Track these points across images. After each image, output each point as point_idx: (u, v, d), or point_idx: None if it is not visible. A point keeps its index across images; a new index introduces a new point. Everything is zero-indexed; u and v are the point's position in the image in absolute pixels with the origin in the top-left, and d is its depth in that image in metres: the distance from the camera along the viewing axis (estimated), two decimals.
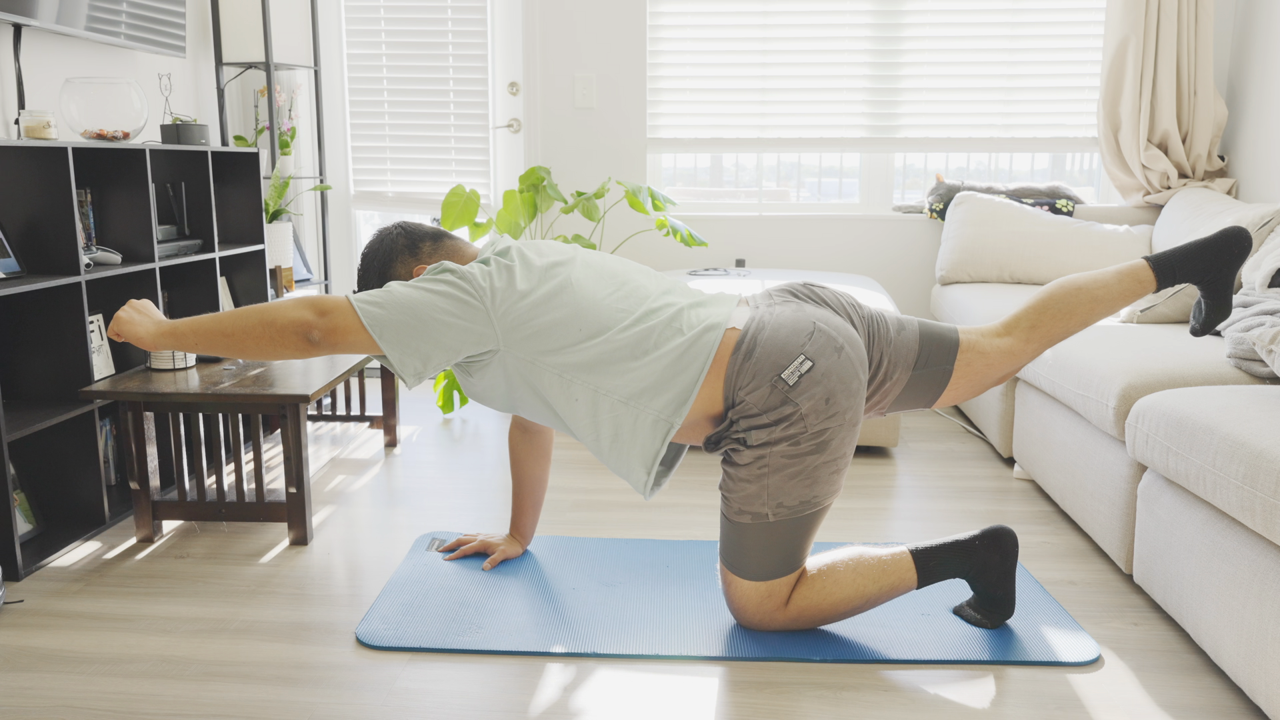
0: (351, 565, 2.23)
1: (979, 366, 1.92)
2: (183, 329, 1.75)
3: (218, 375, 2.40)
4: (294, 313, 1.71)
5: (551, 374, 1.78)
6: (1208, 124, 3.54)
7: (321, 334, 1.71)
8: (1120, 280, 1.95)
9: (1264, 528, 1.50)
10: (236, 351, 1.73)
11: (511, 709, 1.64)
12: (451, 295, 1.76)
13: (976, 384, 1.94)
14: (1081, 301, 1.94)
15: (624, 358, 1.78)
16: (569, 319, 1.79)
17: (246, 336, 1.71)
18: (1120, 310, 1.99)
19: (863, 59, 3.84)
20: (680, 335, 1.79)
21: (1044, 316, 1.93)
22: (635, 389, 1.77)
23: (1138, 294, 1.95)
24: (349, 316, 1.72)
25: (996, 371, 1.93)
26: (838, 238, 3.93)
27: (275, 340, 1.71)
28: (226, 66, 3.70)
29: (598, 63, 3.87)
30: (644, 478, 1.80)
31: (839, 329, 1.81)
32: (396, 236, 1.97)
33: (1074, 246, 3.48)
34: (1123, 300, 1.95)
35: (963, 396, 1.96)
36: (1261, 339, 1.99)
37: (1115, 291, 1.94)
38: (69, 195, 2.31)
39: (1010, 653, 1.80)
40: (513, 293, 1.79)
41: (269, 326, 1.71)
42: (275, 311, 1.71)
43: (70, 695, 1.67)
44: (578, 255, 1.93)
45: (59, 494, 2.45)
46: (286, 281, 3.59)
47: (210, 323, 1.73)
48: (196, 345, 1.74)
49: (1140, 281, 1.95)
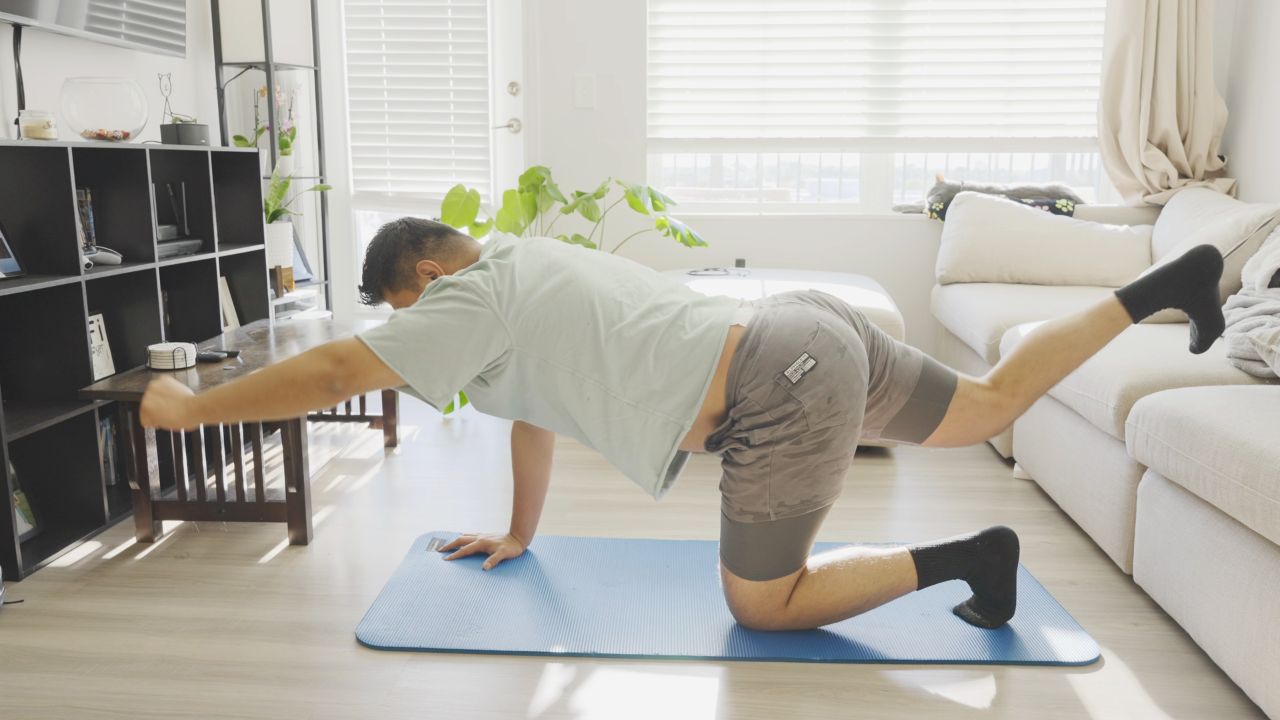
0: (351, 565, 2.23)
1: (970, 415, 1.94)
2: (210, 404, 1.75)
3: (218, 375, 2.40)
4: (312, 367, 1.72)
5: (564, 374, 1.79)
6: (1208, 124, 3.54)
7: (344, 381, 1.71)
8: (1093, 321, 1.95)
9: (1264, 528, 1.50)
10: (265, 414, 1.74)
11: (511, 709, 1.64)
12: (458, 310, 1.76)
13: (967, 432, 1.97)
14: (1057, 350, 1.94)
15: (632, 357, 1.78)
16: (576, 314, 1.80)
17: (272, 399, 1.72)
18: (1100, 351, 1.98)
19: (863, 59, 3.84)
20: (685, 334, 1.80)
21: (1024, 370, 1.95)
22: (643, 391, 1.78)
23: (1114, 332, 1.94)
24: (365, 357, 1.72)
25: (986, 424, 1.96)
26: (838, 238, 3.93)
27: (300, 397, 1.72)
28: (226, 66, 3.70)
29: (598, 63, 3.87)
30: (654, 479, 1.82)
31: (842, 330, 1.82)
32: (401, 232, 1.98)
33: (1074, 246, 3.48)
34: (1098, 341, 1.94)
35: (952, 441, 1.98)
36: (1261, 339, 1.99)
37: (1089, 334, 1.94)
38: (69, 195, 2.31)
39: (1010, 653, 1.80)
40: (517, 291, 1.79)
41: (291, 386, 1.72)
42: (294, 370, 1.72)
43: (70, 695, 1.67)
44: (580, 252, 1.94)
45: (59, 494, 2.45)
46: (286, 281, 3.59)
47: (234, 393, 1.74)
48: (226, 416, 1.75)
49: (1113, 319, 1.94)
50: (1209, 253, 1.91)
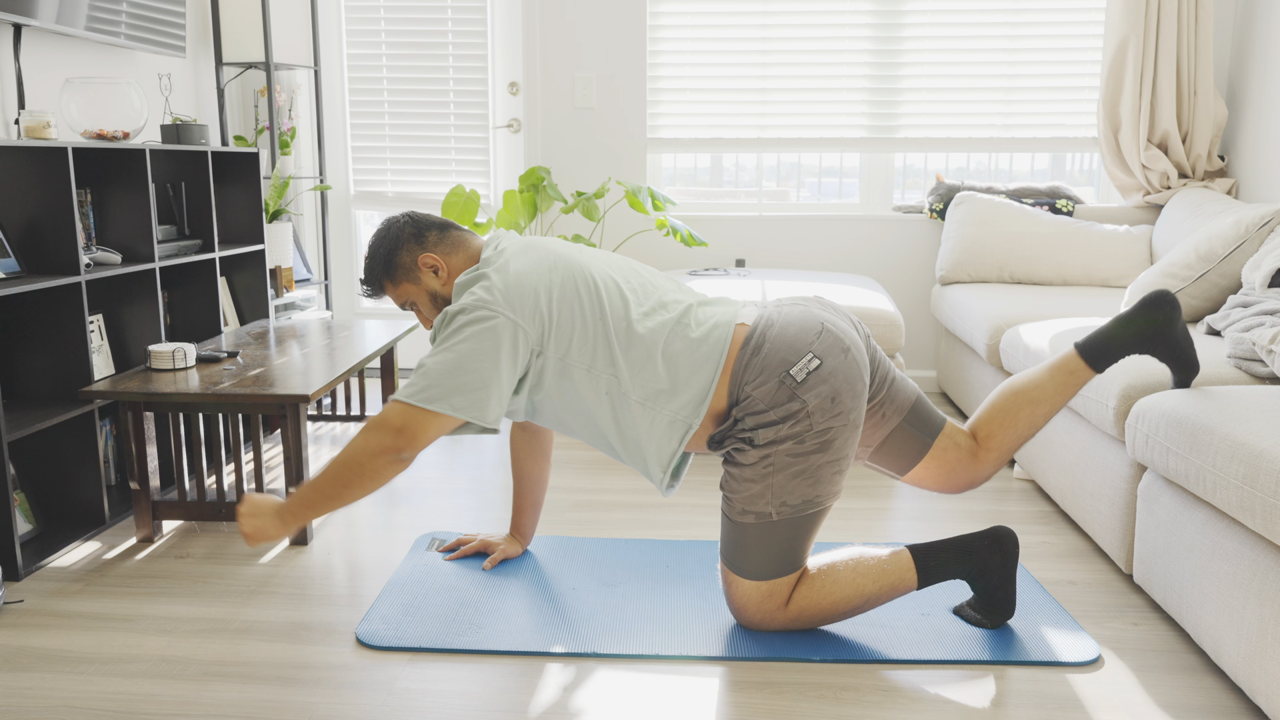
0: (351, 565, 2.23)
1: (951, 458, 1.96)
2: (299, 509, 1.79)
3: (218, 375, 2.40)
4: (373, 447, 1.74)
5: (582, 371, 1.80)
6: (1208, 124, 3.54)
7: (408, 448, 1.74)
8: (1053, 376, 1.94)
9: (1264, 528, 1.50)
10: (348, 502, 1.78)
11: (511, 709, 1.64)
12: (476, 331, 1.75)
13: (945, 476, 1.98)
14: (1021, 406, 1.94)
15: (640, 354, 1.80)
16: (586, 310, 1.81)
17: (349, 488, 1.76)
18: (1067, 403, 1.97)
19: (863, 59, 3.84)
20: (691, 332, 1.81)
21: (994, 426, 1.96)
22: (651, 390, 1.79)
23: (1075, 385, 1.93)
24: (416, 416, 1.73)
25: (964, 471, 1.97)
26: (838, 238, 3.93)
27: (374, 477, 1.75)
28: (226, 66, 3.70)
29: (598, 63, 3.87)
30: (660, 476, 1.84)
31: (845, 331, 1.82)
32: (404, 225, 1.97)
33: (1074, 246, 3.48)
34: (1061, 395, 1.93)
35: (930, 482, 2.00)
36: (1261, 339, 1.99)
37: (1050, 389, 1.93)
38: (69, 195, 2.30)
39: (1010, 653, 1.80)
40: (525, 292, 1.79)
41: (362, 471, 1.74)
42: (359, 455, 1.74)
43: (70, 695, 1.67)
44: (584, 250, 1.94)
45: (59, 494, 2.45)
46: (286, 281, 3.59)
47: (314, 494, 1.77)
48: (314, 515, 1.80)
49: (1073, 373, 1.93)
50: (1161, 297, 1.88)
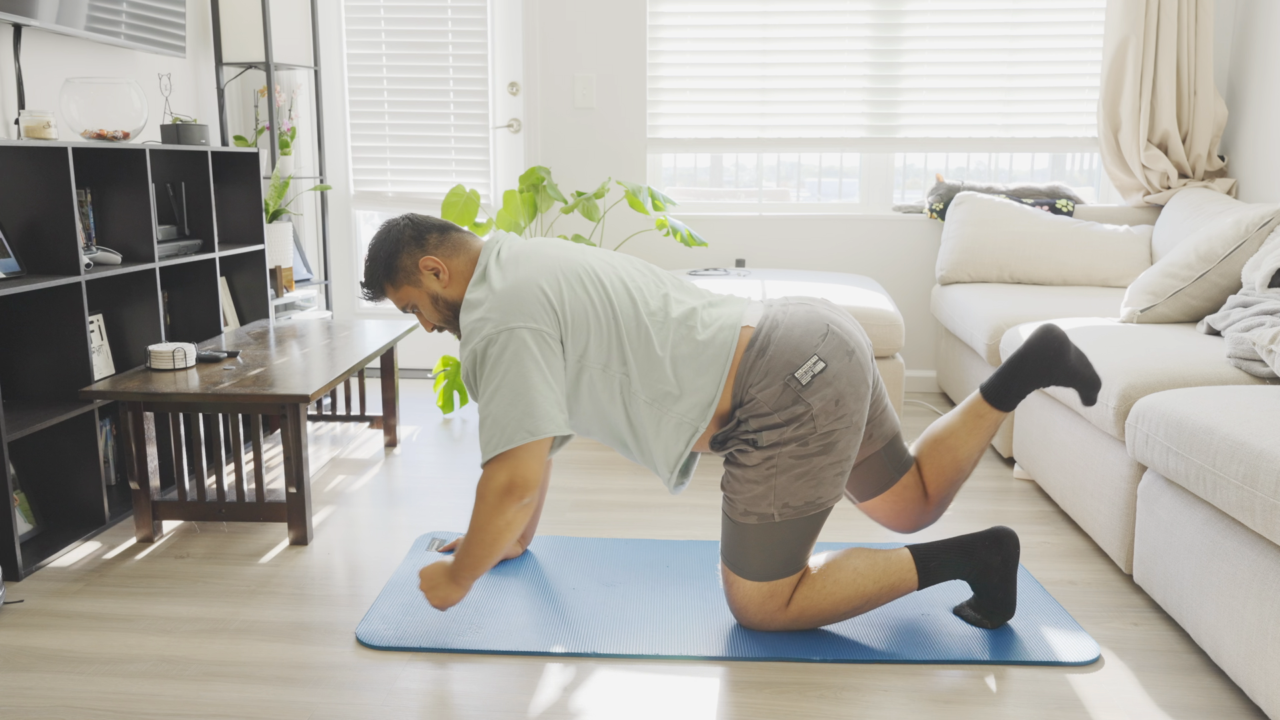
0: (351, 565, 2.23)
1: (906, 498, 2.00)
2: (466, 570, 1.82)
3: (218, 375, 2.40)
4: (501, 499, 1.75)
5: (598, 369, 1.81)
6: (1208, 124, 3.54)
7: (524, 490, 1.75)
8: (965, 421, 1.97)
9: (1264, 528, 1.50)
10: (500, 552, 1.80)
11: (511, 709, 1.64)
12: (510, 355, 1.75)
13: (898, 514, 2.02)
14: (943, 454, 1.98)
15: (649, 355, 1.80)
16: (598, 308, 1.81)
17: (496, 543, 1.78)
18: (988, 443, 2.00)
19: (863, 59, 3.83)
20: (698, 334, 1.81)
21: (928, 476, 2.00)
22: (658, 391, 1.80)
23: (988, 427, 1.95)
24: (517, 458, 1.74)
25: (912, 513, 2.01)
26: (838, 238, 3.93)
27: (511, 526, 1.78)
28: (226, 66, 3.70)
29: (598, 63, 3.87)
30: (667, 475, 1.85)
31: (850, 333, 1.82)
32: (404, 228, 1.96)
33: (1074, 246, 3.48)
34: (977, 438, 1.96)
35: (882, 516, 2.03)
36: (1261, 339, 2.00)
37: (963, 434, 1.97)
38: (69, 195, 2.30)
39: (1010, 653, 1.80)
40: (534, 294, 1.78)
41: (498, 520, 1.76)
42: (493, 510, 1.76)
43: (70, 695, 1.67)
44: (588, 250, 1.94)
45: (59, 494, 2.45)
46: (286, 281, 3.59)
47: (469, 558, 1.80)
48: (480, 574, 1.83)
49: (982, 416, 1.96)
50: (1048, 332, 1.93)
